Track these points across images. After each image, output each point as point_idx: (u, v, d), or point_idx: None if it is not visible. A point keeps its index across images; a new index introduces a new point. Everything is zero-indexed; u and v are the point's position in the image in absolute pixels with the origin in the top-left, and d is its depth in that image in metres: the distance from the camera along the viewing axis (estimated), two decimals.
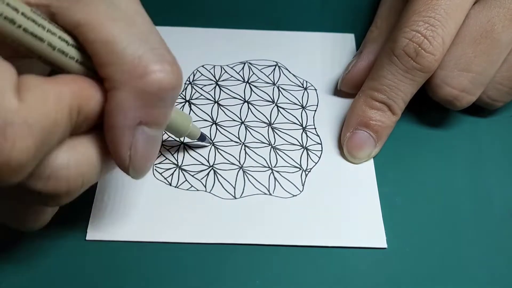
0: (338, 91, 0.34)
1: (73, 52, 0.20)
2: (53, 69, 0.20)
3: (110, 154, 0.21)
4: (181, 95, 0.33)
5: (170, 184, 0.29)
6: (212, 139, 0.31)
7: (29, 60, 0.21)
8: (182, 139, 0.31)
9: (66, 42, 0.20)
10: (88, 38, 0.19)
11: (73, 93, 0.19)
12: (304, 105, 0.33)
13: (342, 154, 0.31)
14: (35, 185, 0.20)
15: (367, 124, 0.30)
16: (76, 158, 0.20)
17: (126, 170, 0.22)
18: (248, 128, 0.32)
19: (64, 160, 0.20)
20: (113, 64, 0.19)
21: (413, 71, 0.28)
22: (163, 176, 0.29)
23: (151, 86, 0.20)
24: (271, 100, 0.33)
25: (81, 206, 0.28)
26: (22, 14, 0.18)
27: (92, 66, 0.20)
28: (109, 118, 0.20)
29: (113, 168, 0.23)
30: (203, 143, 0.30)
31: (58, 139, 0.19)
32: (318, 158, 0.31)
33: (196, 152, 0.30)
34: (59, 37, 0.19)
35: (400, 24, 0.29)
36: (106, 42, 0.19)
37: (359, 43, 0.35)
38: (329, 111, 0.33)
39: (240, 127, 0.32)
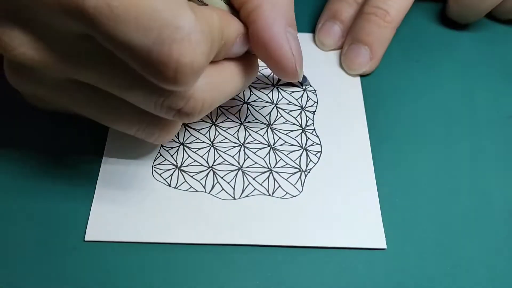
0: (337, 92, 0.34)
1: None
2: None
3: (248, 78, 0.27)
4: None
5: (169, 185, 0.29)
6: (212, 140, 0.31)
7: None
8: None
9: None
10: None
11: (219, 17, 0.23)
12: (303, 106, 0.33)
13: (341, 154, 0.31)
14: (179, 103, 0.23)
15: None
16: (211, 83, 0.24)
17: (293, 70, 0.26)
18: (248, 129, 0.32)
19: (203, 83, 0.24)
20: None
21: None
22: (162, 177, 0.29)
23: None
24: (271, 101, 0.33)
25: (80, 207, 0.28)
26: None
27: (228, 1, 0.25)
28: (263, 32, 0.25)
29: (234, 94, 0.27)
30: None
31: (214, 54, 0.23)
32: (318, 159, 0.31)
33: (196, 153, 0.30)
34: None
35: None
36: None
37: None
38: (328, 112, 0.33)
39: (239, 128, 0.32)
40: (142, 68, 0.21)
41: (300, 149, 0.31)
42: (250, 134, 0.31)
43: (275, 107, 0.33)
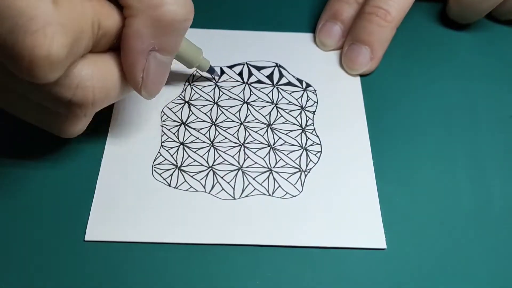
0: (337, 92, 0.34)
1: None
2: None
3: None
4: (181, 96, 0.33)
5: (169, 185, 0.29)
6: (212, 140, 0.31)
7: None
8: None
9: None
10: None
11: (94, 9, 0.22)
12: (303, 106, 0.33)
13: (341, 154, 0.31)
14: (67, 93, 0.23)
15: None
16: (99, 72, 0.24)
17: (138, 90, 0.25)
18: (248, 129, 0.32)
19: (89, 72, 0.23)
20: None
21: None
22: (162, 177, 0.29)
23: (165, 16, 0.23)
24: (271, 101, 0.33)
25: (80, 207, 0.28)
26: None
27: None
28: (126, 42, 0.24)
29: (130, 90, 0.26)
30: (213, 76, 0.33)
31: (84, 46, 0.22)
32: (318, 159, 0.31)
33: (196, 153, 0.30)
34: None
35: None
36: None
37: None
38: (328, 112, 0.33)
39: (239, 128, 0.32)
40: (2, 58, 0.21)
41: (300, 149, 0.31)
42: (250, 134, 0.31)
43: (275, 107, 0.33)
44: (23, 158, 0.30)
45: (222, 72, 0.34)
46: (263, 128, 0.32)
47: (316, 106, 0.33)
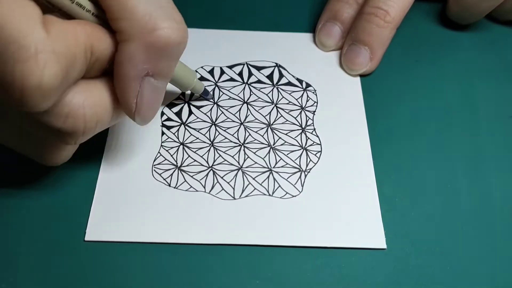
0: (337, 92, 0.34)
1: (89, 5, 0.22)
2: None
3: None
4: (181, 96, 0.33)
5: (169, 185, 0.29)
6: (212, 140, 0.31)
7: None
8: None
9: None
10: None
11: (87, 33, 0.21)
12: (303, 106, 0.33)
13: (341, 154, 0.31)
14: (56, 122, 0.22)
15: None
16: (90, 99, 0.23)
17: (132, 116, 0.24)
18: (248, 129, 0.32)
19: (80, 100, 0.22)
20: (125, 19, 0.21)
21: None
22: (162, 177, 0.29)
23: (159, 41, 0.22)
24: (271, 101, 0.33)
25: (80, 207, 0.28)
26: None
27: (106, 19, 0.22)
28: (118, 67, 0.23)
29: (123, 115, 0.25)
30: (206, 98, 0.32)
31: (77, 73, 0.21)
32: (318, 159, 0.31)
33: (196, 153, 0.30)
34: None
35: None
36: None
37: None
38: (328, 112, 0.33)
39: (239, 128, 0.32)
40: None
41: (300, 149, 0.31)
42: (250, 134, 0.31)
43: (275, 107, 0.33)
44: (23, 158, 0.29)
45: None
46: (263, 128, 0.32)
47: (316, 106, 0.33)
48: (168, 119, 0.32)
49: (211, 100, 0.33)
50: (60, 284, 0.26)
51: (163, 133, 0.31)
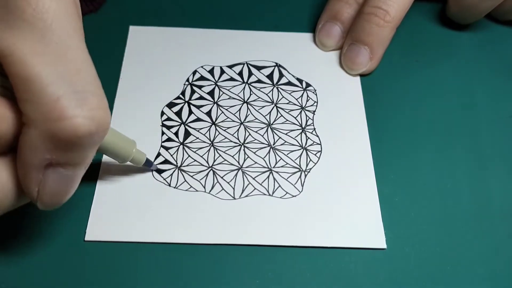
0: (337, 92, 0.34)
1: None
2: None
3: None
4: (181, 96, 0.33)
5: (169, 185, 0.29)
6: (212, 140, 0.31)
7: None
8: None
9: None
10: (9, 70, 0.19)
11: None
12: (303, 106, 0.33)
13: (341, 154, 0.31)
14: None
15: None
16: None
17: (34, 202, 0.21)
18: (248, 129, 0.32)
19: None
20: (30, 102, 0.19)
21: None
22: (163, 177, 0.29)
23: (64, 132, 0.19)
24: (271, 101, 0.33)
25: (80, 207, 0.28)
26: None
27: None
28: (19, 151, 0.20)
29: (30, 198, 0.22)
30: (149, 169, 0.29)
31: None
32: (318, 159, 0.31)
33: (196, 153, 0.30)
34: None
35: None
36: (26, 79, 0.18)
37: None
38: (328, 112, 0.33)
39: (239, 128, 0.32)
40: None
41: (300, 149, 0.31)
42: (250, 134, 0.31)
43: (275, 107, 0.33)
44: None
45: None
46: (263, 128, 0.32)
47: (316, 106, 0.33)
48: (168, 119, 0.32)
49: (153, 169, 0.30)
50: (60, 284, 0.26)
51: (163, 133, 0.31)
